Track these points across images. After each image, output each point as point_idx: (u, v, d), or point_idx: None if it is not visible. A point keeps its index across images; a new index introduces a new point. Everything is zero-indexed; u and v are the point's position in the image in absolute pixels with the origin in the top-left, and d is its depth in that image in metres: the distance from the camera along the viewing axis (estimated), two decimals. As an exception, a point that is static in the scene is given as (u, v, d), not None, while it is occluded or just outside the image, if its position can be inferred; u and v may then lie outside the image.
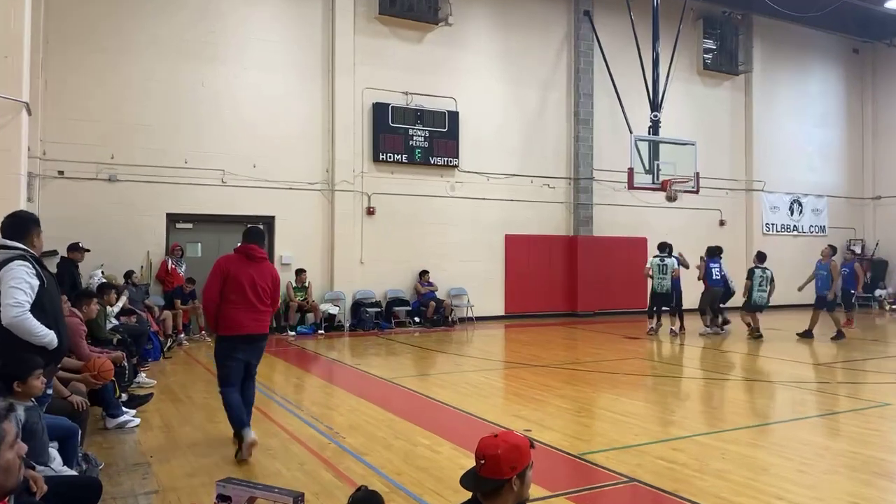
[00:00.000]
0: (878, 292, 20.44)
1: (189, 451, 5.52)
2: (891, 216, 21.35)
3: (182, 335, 11.84)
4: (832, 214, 21.30)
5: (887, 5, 17.49)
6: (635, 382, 8.90)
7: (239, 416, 5.41)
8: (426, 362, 10.63)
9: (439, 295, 15.03)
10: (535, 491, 2.86)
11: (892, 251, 21.07)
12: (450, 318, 14.78)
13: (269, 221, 13.85)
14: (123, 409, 6.29)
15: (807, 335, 12.86)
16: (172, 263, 12.49)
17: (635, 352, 11.62)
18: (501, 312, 16.17)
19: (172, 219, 13.05)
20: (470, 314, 15.44)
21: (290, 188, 13.94)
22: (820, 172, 21.11)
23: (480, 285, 15.78)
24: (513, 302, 16.28)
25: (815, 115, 21.02)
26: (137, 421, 6.27)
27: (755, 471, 5.06)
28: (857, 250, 21.20)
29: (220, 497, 3.52)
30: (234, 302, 5.38)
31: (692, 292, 14.27)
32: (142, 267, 12.46)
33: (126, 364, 6.95)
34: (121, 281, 11.03)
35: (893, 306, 19.42)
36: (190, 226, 13.27)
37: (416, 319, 14.66)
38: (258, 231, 5.73)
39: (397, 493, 4.61)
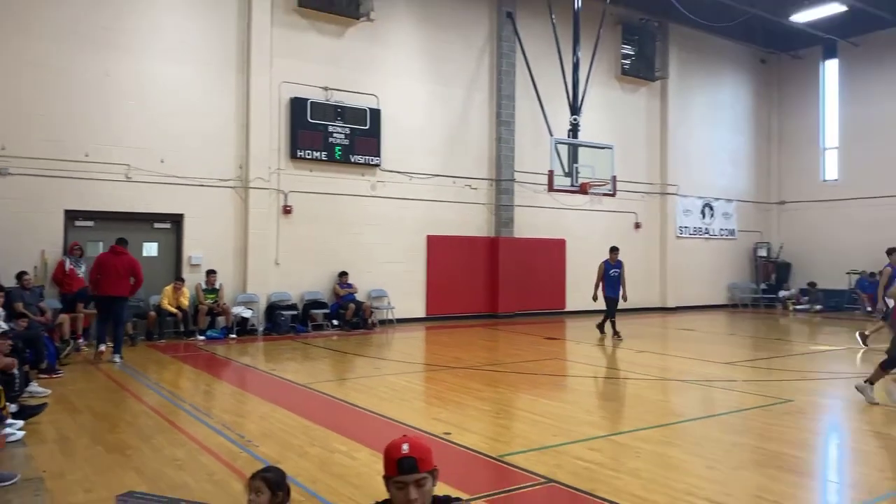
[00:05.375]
0: (781, 293, 21.71)
1: (87, 465, 5.25)
2: (793, 220, 22.70)
3: (81, 340, 11.21)
4: (741, 218, 22.46)
5: (792, 19, 18.59)
6: (554, 383, 9.11)
7: (101, 335, 10.34)
8: (344, 366, 10.53)
9: (359, 297, 14.90)
10: (453, 494, 2.86)
11: (794, 254, 22.41)
12: (370, 321, 14.67)
13: (177, 220, 13.37)
14: (10, 420, 5.90)
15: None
16: (70, 264, 11.83)
17: (555, 353, 11.87)
18: (423, 314, 16.18)
19: (71, 216, 12.37)
20: (391, 316, 15.39)
21: (201, 185, 13.49)
22: (730, 177, 22.21)
23: (402, 287, 15.74)
24: (434, 304, 16.33)
25: (725, 122, 22.13)
26: (20, 434, 5.88)
27: (668, 468, 5.26)
28: (763, 253, 22.53)
29: (120, 513, 3.34)
30: (104, 277, 10.09)
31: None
32: (35, 267, 11.76)
33: (17, 371, 6.55)
34: (10, 283, 10.38)
35: (796, 307, 20.64)
36: (91, 223, 12.60)
37: (335, 322, 14.48)
38: (121, 239, 10.56)
39: (312, 501, 4.53)
